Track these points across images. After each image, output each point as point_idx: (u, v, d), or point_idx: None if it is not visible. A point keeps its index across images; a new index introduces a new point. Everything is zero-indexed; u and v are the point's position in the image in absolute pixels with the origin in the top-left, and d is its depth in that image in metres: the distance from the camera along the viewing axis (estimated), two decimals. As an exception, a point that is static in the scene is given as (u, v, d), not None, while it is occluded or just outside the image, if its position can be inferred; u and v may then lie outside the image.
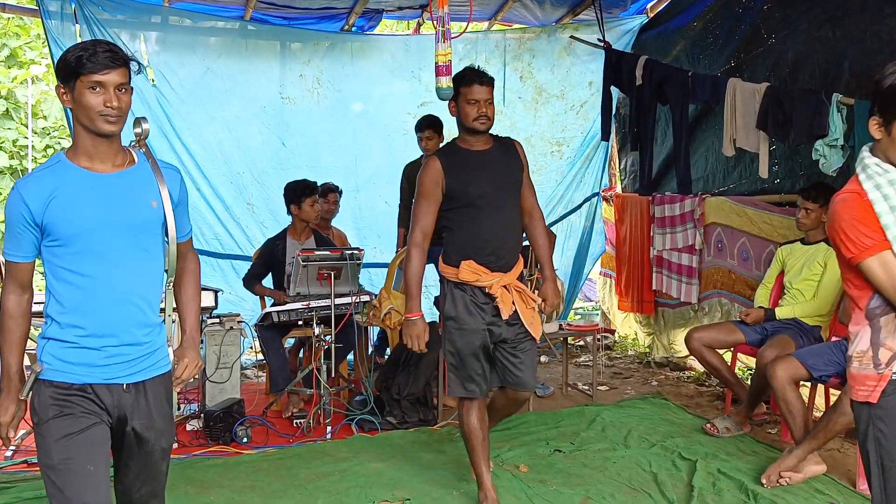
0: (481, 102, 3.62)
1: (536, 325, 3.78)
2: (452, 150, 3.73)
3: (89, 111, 2.23)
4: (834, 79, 5.04)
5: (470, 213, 3.63)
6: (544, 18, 7.39)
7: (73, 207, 2.25)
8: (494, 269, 3.65)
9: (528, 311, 3.74)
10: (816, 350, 4.40)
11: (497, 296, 3.63)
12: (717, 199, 6.24)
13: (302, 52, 7.00)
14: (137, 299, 2.37)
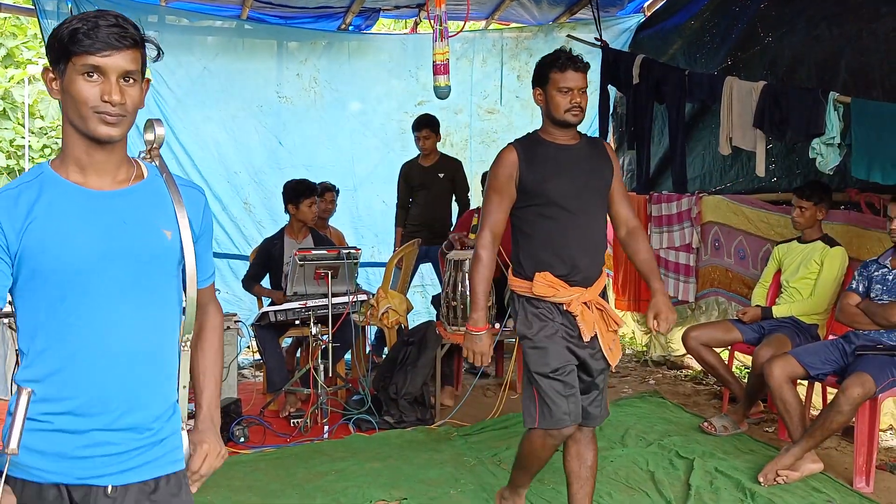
0: (575, 91, 3.13)
1: (616, 352, 3.27)
2: (533, 142, 3.23)
3: (81, 106, 1.63)
4: (830, 77, 5.04)
5: (549, 214, 3.14)
6: (541, 17, 7.39)
7: (58, 234, 1.65)
8: (574, 284, 3.13)
9: (609, 334, 3.22)
10: (813, 348, 4.40)
11: (577, 314, 3.10)
12: (714, 198, 6.24)
13: (299, 52, 7.00)
14: (142, 364, 1.74)
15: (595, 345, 3.18)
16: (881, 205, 4.67)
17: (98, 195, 1.71)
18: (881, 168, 4.29)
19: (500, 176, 3.18)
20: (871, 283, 4.33)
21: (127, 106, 1.66)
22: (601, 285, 3.23)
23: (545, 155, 3.17)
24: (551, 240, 3.15)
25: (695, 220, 6.39)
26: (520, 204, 3.20)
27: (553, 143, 3.21)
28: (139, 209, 1.75)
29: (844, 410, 3.92)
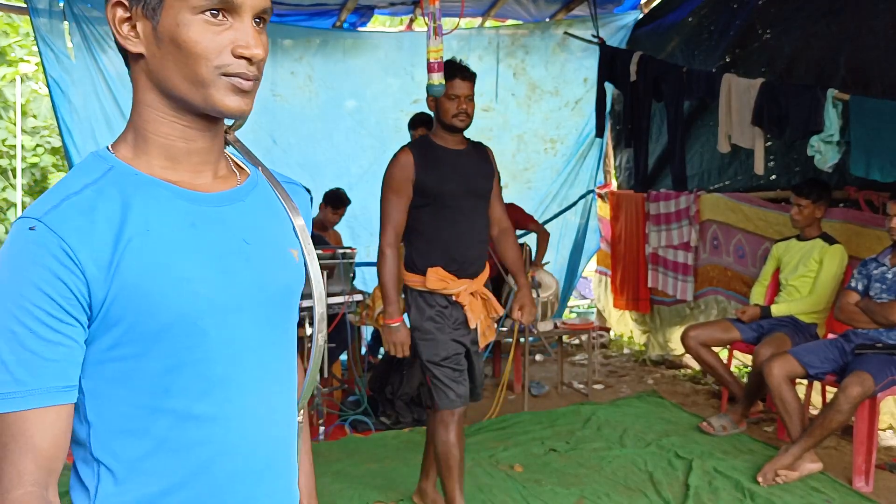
0: (462, 98, 3.37)
1: (489, 335, 3.62)
2: (426, 145, 3.48)
3: (197, 63, 1.06)
4: (829, 74, 5.01)
5: (440, 214, 3.40)
6: (538, 14, 7.35)
7: (168, 268, 1.07)
8: (462, 277, 3.44)
9: (487, 320, 3.58)
10: (812, 347, 4.37)
11: (465, 304, 3.44)
12: (713, 196, 6.21)
13: (293, 49, 6.95)
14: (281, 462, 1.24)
15: (474, 331, 3.52)
16: (880, 202, 4.64)
17: (204, 201, 1.14)
18: (880, 166, 4.27)
19: (397, 177, 3.40)
20: (871, 282, 4.31)
21: (262, 64, 1.11)
22: (485, 277, 3.56)
23: (438, 158, 3.42)
24: (443, 238, 3.41)
25: (693, 219, 6.36)
26: (414, 204, 3.42)
27: (444, 147, 3.46)
28: (257, 221, 1.21)
29: (844, 409, 3.89)
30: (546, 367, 6.85)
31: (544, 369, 6.79)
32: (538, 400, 5.78)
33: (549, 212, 7.69)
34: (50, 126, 10.89)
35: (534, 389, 5.92)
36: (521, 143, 7.61)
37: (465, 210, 3.43)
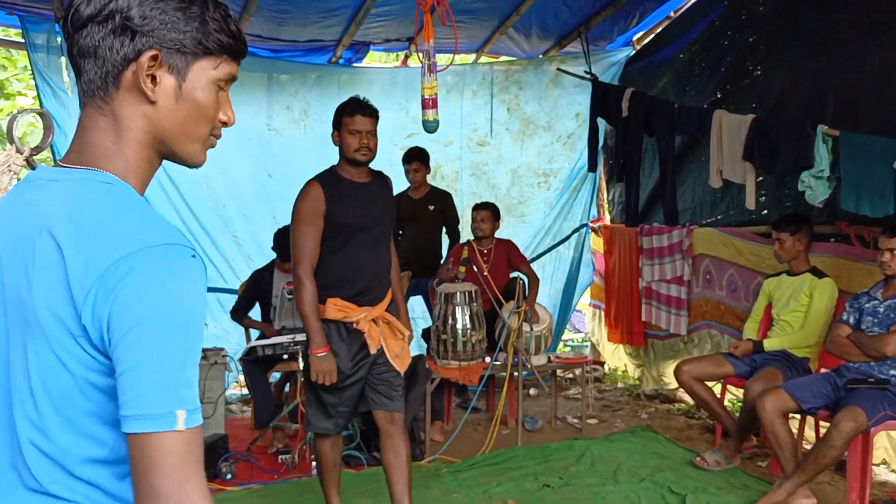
0: (363, 133, 3.54)
1: (404, 359, 3.72)
2: (334, 178, 3.59)
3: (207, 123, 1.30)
4: (819, 111, 5.06)
5: (344, 245, 3.52)
6: (531, 51, 7.43)
7: None
8: (362, 304, 3.56)
9: (396, 342, 3.69)
10: (805, 382, 4.38)
11: (364, 331, 3.55)
12: (705, 231, 6.24)
13: (289, 84, 7.00)
14: None
15: (381, 355, 3.63)
16: (871, 237, 4.67)
17: None
18: (870, 201, 4.30)
19: (308, 210, 3.49)
20: (862, 315, 4.32)
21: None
22: (387, 302, 3.68)
23: (345, 191, 3.55)
24: (345, 267, 3.53)
25: (686, 253, 6.39)
26: (324, 235, 3.52)
27: (350, 180, 3.60)
28: None
29: (837, 444, 3.89)
30: (540, 402, 6.83)
31: (538, 403, 6.77)
32: (532, 434, 5.76)
33: (542, 245, 7.72)
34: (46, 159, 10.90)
35: (528, 424, 5.90)
36: (515, 177, 7.66)
37: (368, 240, 3.57)
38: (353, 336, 3.58)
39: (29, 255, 1.11)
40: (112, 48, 1.16)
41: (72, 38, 1.18)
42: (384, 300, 3.65)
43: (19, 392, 1.13)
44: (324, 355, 3.47)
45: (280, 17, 6.22)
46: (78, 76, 1.21)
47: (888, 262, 4.15)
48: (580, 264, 7.90)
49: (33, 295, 1.10)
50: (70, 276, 1.06)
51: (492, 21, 6.67)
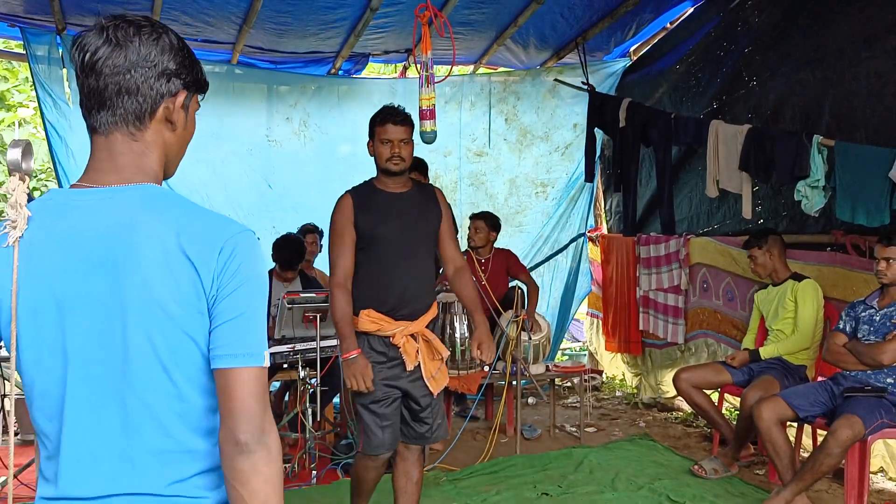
0: (395, 142, 3.44)
1: (440, 380, 3.54)
2: (367, 190, 3.54)
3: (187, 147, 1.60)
4: (814, 120, 5.10)
5: (375, 256, 3.43)
6: (529, 62, 7.48)
7: None
8: (400, 318, 3.43)
9: (434, 363, 3.52)
10: (802, 390, 4.40)
11: (400, 346, 3.42)
12: (702, 240, 6.27)
13: (289, 95, 7.04)
14: None
15: (417, 373, 3.47)
16: (867, 246, 4.70)
17: None
18: (865, 210, 4.33)
19: (339, 221, 3.45)
20: (859, 324, 4.35)
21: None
22: (428, 318, 3.54)
23: (377, 202, 3.47)
24: (375, 280, 3.43)
25: (683, 262, 6.42)
26: (356, 247, 3.46)
27: (384, 191, 3.51)
28: None
29: (834, 452, 3.91)
30: (538, 410, 6.85)
31: (536, 412, 6.79)
32: (530, 443, 5.78)
33: (540, 255, 7.75)
34: (47, 170, 10.96)
35: (526, 432, 5.92)
36: (513, 187, 7.70)
37: (402, 252, 3.44)
38: (391, 351, 3.45)
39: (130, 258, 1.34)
40: (153, 88, 1.41)
41: (106, 78, 1.39)
42: (425, 316, 3.52)
43: (147, 371, 1.35)
44: (354, 357, 3.33)
45: (280, 28, 6.27)
46: (105, 108, 1.41)
47: (884, 271, 4.18)
48: (578, 274, 7.93)
49: (155, 291, 1.34)
50: (197, 267, 1.35)
51: (489, 33, 6.72)
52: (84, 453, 1.36)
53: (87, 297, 1.35)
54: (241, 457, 1.34)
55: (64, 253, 1.35)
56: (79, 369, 1.35)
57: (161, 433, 1.37)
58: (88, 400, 1.36)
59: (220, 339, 1.37)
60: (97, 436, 1.36)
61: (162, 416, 1.37)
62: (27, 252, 1.35)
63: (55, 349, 1.35)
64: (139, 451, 1.37)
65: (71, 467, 1.36)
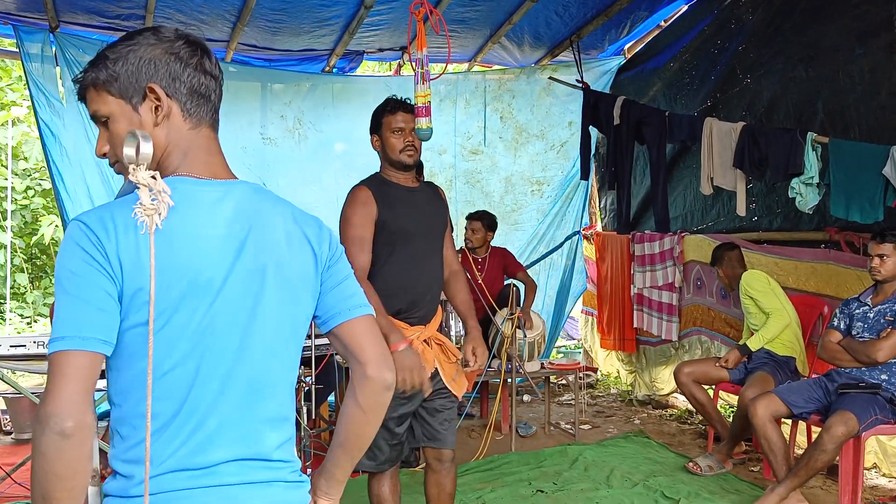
0: (407, 131, 3.17)
1: (460, 382, 3.34)
2: (381, 182, 3.23)
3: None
4: (808, 118, 5.11)
5: (396, 254, 3.14)
6: (523, 60, 7.48)
7: None
8: (414, 323, 3.19)
9: (450, 366, 3.30)
10: (796, 387, 4.42)
11: (418, 352, 3.12)
12: (696, 238, 6.28)
13: (283, 93, 7.04)
14: None
15: (436, 378, 3.22)
16: (861, 243, 4.71)
17: None
18: (859, 207, 4.34)
19: (360, 214, 3.14)
20: (853, 321, 4.36)
21: (112, 154, 1.51)
22: (438, 321, 3.32)
23: (396, 195, 3.19)
24: (397, 279, 3.16)
25: (677, 260, 6.43)
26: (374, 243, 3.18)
27: (399, 184, 3.24)
28: None
29: (828, 449, 3.92)
30: (533, 408, 6.87)
31: (532, 409, 6.80)
32: (526, 440, 5.79)
33: (536, 253, 7.76)
34: (41, 169, 10.95)
35: (521, 430, 5.92)
36: (508, 185, 7.70)
37: (421, 250, 3.22)
38: None
39: (271, 239, 1.49)
40: (217, 93, 1.56)
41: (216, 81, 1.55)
42: (435, 318, 3.30)
43: (273, 342, 1.49)
44: (404, 349, 2.95)
45: (274, 26, 6.26)
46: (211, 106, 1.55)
47: (877, 268, 4.19)
48: (573, 271, 7.94)
49: (285, 269, 1.50)
50: (314, 248, 1.56)
51: (484, 30, 6.72)
52: (202, 426, 1.41)
53: (232, 279, 1.43)
54: (385, 393, 1.61)
55: (202, 239, 1.41)
56: (212, 346, 1.41)
57: (276, 401, 1.51)
58: (214, 375, 1.42)
59: (340, 296, 1.61)
60: (217, 408, 1.42)
61: (278, 384, 1.51)
62: (167, 238, 1.37)
63: (192, 328, 1.39)
64: (256, 419, 1.47)
65: (183, 442, 1.40)
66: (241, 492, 1.44)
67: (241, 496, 1.44)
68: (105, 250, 1.33)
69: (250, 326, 1.46)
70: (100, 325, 1.32)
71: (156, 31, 1.49)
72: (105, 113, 1.47)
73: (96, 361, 1.32)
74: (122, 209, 1.37)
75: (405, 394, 3.04)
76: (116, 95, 1.46)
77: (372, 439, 1.71)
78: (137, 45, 1.46)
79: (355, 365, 1.61)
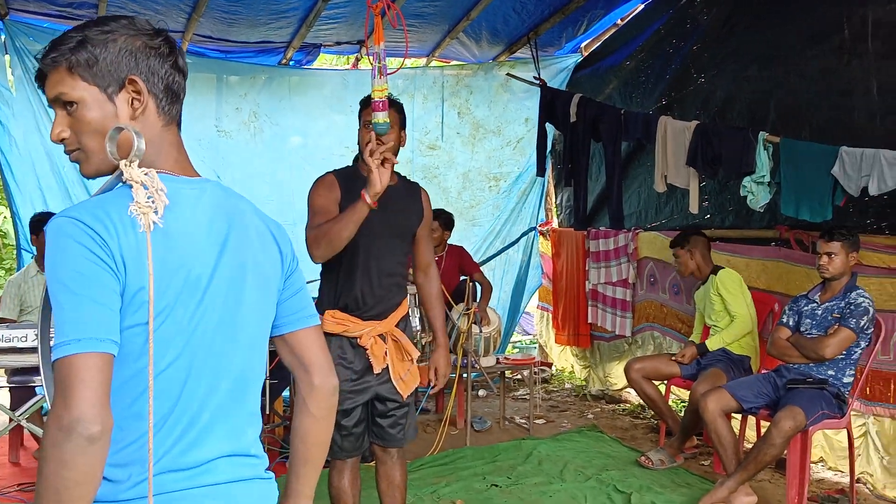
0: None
1: (409, 382, 3.28)
2: (351, 173, 3.25)
3: None
4: (760, 117, 5.19)
5: (348, 250, 3.08)
6: (481, 56, 7.49)
7: None
8: (367, 318, 3.18)
9: (403, 364, 3.27)
10: (746, 382, 4.49)
11: (367, 347, 3.16)
12: (650, 234, 6.35)
13: (239, 86, 6.96)
14: None
15: (386, 375, 3.22)
16: (810, 241, 4.80)
17: None
18: (809, 206, 4.42)
19: (324, 196, 3.17)
20: (801, 318, 4.44)
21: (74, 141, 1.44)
22: (398, 316, 3.27)
23: (359, 189, 3.06)
24: (348, 276, 3.18)
25: (631, 256, 6.50)
26: None
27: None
28: None
29: (776, 443, 4.00)
30: (488, 403, 6.89)
31: (487, 404, 6.83)
32: (480, 435, 5.81)
33: (492, 248, 7.78)
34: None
35: (476, 424, 5.94)
36: (466, 181, 7.71)
37: (377, 248, 3.18)
38: (359, 352, 3.19)
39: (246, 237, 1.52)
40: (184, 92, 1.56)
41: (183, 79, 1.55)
42: (394, 314, 3.25)
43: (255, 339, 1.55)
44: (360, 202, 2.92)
45: (230, 17, 6.19)
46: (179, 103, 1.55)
47: (825, 266, 4.27)
48: (529, 267, 7.98)
49: (263, 266, 1.55)
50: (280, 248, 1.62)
51: (442, 26, 6.71)
52: (194, 424, 1.41)
53: (217, 276, 1.44)
54: (333, 397, 1.70)
55: (191, 236, 1.42)
56: (203, 343, 1.42)
57: (254, 396, 1.56)
58: (206, 371, 1.43)
59: (297, 305, 1.67)
60: (208, 404, 1.43)
61: (257, 380, 1.56)
62: (163, 236, 1.36)
63: (184, 326, 1.39)
64: (240, 415, 1.51)
65: (175, 441, 1.39)
66: (235, 490, 1.46)
67: (236, 495, 1.46)
68: (110, 249, 1.30)
69: (235, 322, 1.48)
70: (111, 326, 1.29)
71: (132, 22, 1.45)
72: (73, 98, 1.40)
73: (110, 362, 1.28)
74: (115, 206, 1.33)
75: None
76: (90, 82, 1.40)
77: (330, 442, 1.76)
78: (116, 33, 1.42)
79: (302, 373, 1.69)
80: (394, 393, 3.25)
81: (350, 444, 3.24)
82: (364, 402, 3.23)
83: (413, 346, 3.33)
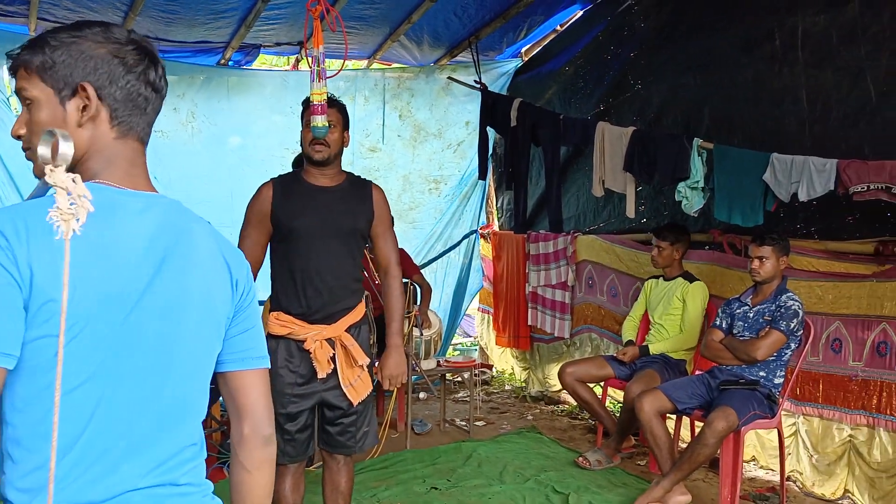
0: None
1: (360, 388, 3.24)
2: (291, 179, 3.28)
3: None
4: (695, 124, 5.29)
5: (290, 252, 3.16)
6: (423, 59, 7.50)
7: None
8: (314, 322, 3.17)
9: (353, 370, 3.22)
10: (680, 383, 4.57)
11: (311, 351, 3.14)
12: (588, 238, 6.43)
13: (176, 86, 6.84)
14: None
15: (334, 381, 3.20)
16: (742, 245, 4.91)
17: None
18: (741, 211, 4.52)
19: (252, 208, 3.25)
20: (734, 320, 4.54)
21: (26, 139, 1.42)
22: (349, 322, 3.24)
23: (299, 193, 3.21)
24: (293, 278, 3.18)
25: (570, 259, 6.57)
26: (273, 240, 3.25)
27: (309, 182, 3.25)
28: None
29: (710, 443, 4.08)
30: (429, 405, 6.90)
31: (427, 407, 6.83)
32: (421, 438, 5.81)
33: (433, 251, 7.79)
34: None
35: (416, 427, 5.95)
36: (406, 184, 7.71)
37: (320, 250, 3.17)
38: (306, 356, 3.17)
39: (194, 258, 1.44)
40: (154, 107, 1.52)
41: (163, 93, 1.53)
42: (343, 319, 3.21)
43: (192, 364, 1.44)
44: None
45: (167, 17, 6.09)
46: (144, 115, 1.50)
47: (757, 269, 4.37)
48: (470, 270, 8.01)
49: (211, 289, 1.46)
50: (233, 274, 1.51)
51: (383, 28, 6.70)
52: (108, 451, 1.31)
53: (149, 295, 1.35)
54: (266, 448, 1.57)
55: (121, 250, 1.33)
56: (126, 364, 1.32)
57: (191, 425, 1.45)
58: (127, 396, 1.33)
59: (244, 344, 1.55)
60: (127, 431, 1.33)
61: (194, 408, 1.46)
62: (84, 246, 1.26)
63: (104, 344, 1.29)
64: (169, 446, 1.40)
65: (85, 469, 1.29)
66: None
67: None
68: (14, 255, 1.22)
69: (171, 347, 1.38)
70: (7, 337, 1.20)
71: (107, 29, 1.43)
72: (30, 96, 1.39)
73: (2, 377, 1.21)
74: (35, 211, 1.26)
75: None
76: (47, 83, 1.38)
77: (271, 498, 1.63)
78: (83, 38, 1.39)
79: (235, 419, 1.57)
80: (341, 400, 3.21)
81: (293, 450, 3.22)
82: (310, 407, 3.22)
83: (363, 353, 3.26)
